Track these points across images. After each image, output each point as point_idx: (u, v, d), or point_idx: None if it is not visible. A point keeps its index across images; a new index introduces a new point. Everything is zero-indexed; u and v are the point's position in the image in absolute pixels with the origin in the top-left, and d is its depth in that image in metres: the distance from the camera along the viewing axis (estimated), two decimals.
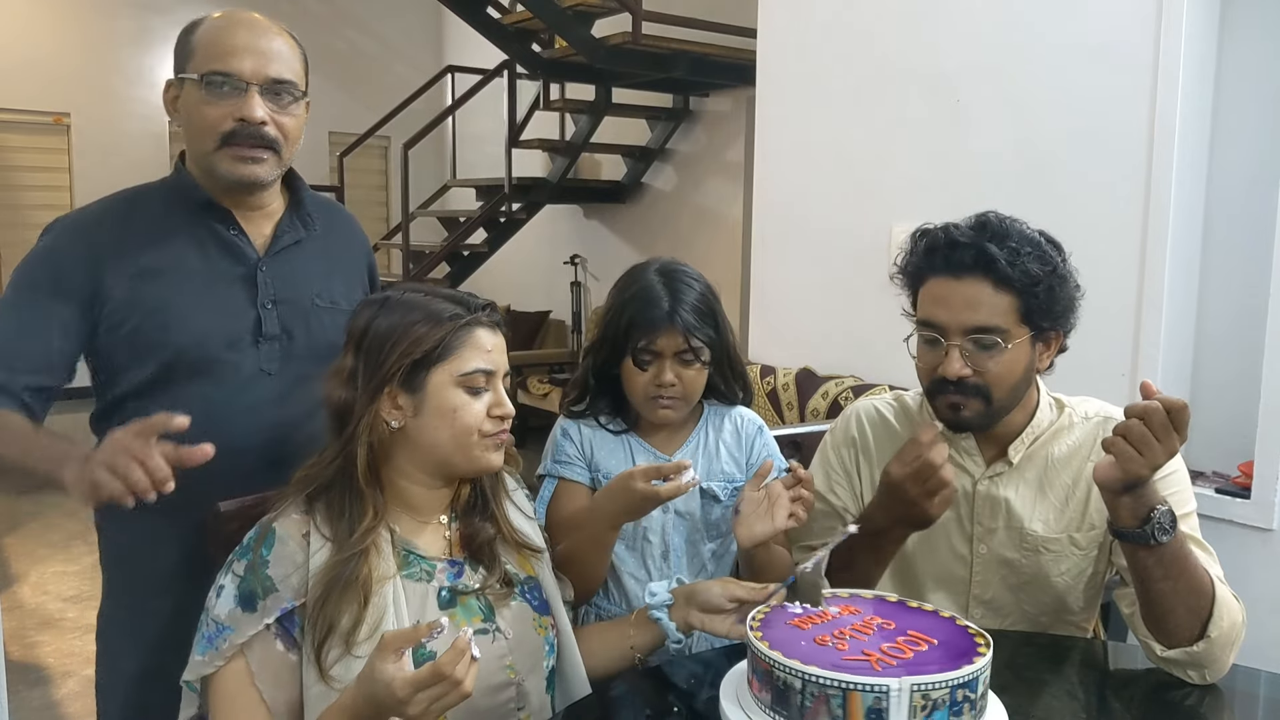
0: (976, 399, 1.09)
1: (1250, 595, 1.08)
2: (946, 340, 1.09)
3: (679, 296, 1.19)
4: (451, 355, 0.97)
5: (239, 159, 1.12)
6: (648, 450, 1.26)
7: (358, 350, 0.98)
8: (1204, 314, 1.92)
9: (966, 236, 1.08)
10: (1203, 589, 1.00)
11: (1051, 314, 1.09)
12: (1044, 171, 2.06)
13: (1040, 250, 1.08)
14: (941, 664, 0.82)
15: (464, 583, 1.01)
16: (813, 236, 2.60)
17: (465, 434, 0.98)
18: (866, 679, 0.79)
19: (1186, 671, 1.02)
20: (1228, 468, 1.86)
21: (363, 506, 0.95)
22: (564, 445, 1.26)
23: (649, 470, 1.06)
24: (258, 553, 0.94)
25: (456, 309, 0.98)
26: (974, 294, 1.07)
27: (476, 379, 0.98)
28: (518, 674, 1.00)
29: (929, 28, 2.28)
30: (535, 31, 4.88)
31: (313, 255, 1.23)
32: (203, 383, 1.13)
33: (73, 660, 2.70)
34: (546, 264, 6.07)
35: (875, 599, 0.98)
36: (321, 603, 0.91)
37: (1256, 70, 1.85)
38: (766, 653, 0.83)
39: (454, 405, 0.97)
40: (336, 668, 0.90)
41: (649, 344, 1.18)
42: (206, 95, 1.11)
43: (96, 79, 6.15)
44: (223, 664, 0.91)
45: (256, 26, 1.14)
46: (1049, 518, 1.16)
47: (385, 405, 0.97)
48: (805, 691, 0.80)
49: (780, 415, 2.52)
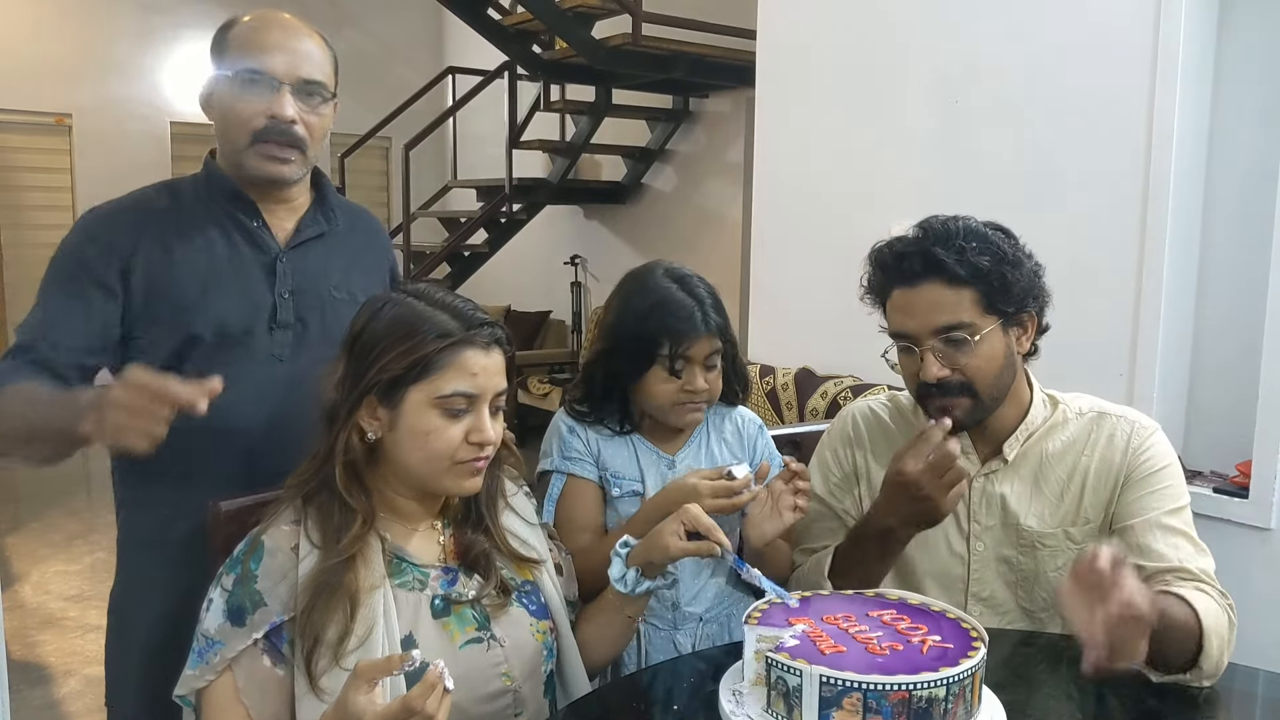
0: (963, 396, 1.11)
1: (1248, 595, 1.09)
2: (919, 346, 1.11)
3: (702, 301, 1.20)
4: (433, 375, 0.93)
5: (268, 158, 1.16)
6: (651, 450, 1.27)
7: (349, 354, 0.97)
8: (1202, 313, 1.92)
9: (911, 246, 1.11)
10: (1189, 631, 1.00)
11: (1011, 298, 1.10)
12: (1043, 171, 2.06)
13: (986, 241, 1.10)
14: (938, 662, 0.82)
15: (458, 591, 0.99)
16: (812, 237, 2.61)
17: (436, 459, 0.94)
18: (864, 677, 0.79)
19: (1183, 682, 1.03)
20: (1226, 467, 1.86)
21: (350, 513, 0.94)
22: (571, 441, 1.25)
23: (717, 487, 1.11)
24: (246, 566, 0.93)
25: (451, 325, 0.94)
26: (932, 297, 1.10)
27: (455, 401, 0.93)
28: (514, 681, 0.99)
29: (928, 29, 2.29)
30: (535, 33, 4.89)
31: (334, 249, 1.26)
32: (217, 365, 1.14)
33: (74, 659, 2.71)
34: (547, 264, 6.07)
35: (876, 596, 0.98)
36: (308, 611, 0.90)
37: (1255, 68, 1.85)
38: (766, 651, 0.84)
39: (427, 428, 0.93)
40: (325, 679, 0.89)
41: (683, 351, 1.18)
42: (240, 92, 1.14)
43: (98, 80, 6.15)
44: (213, 678, 0.91)
45: (290, 27, 1.17)
46: (1044, 513, 1.17)
47: (364, 414, 0.95)
48: (803, 688, 0.80)
49: (779, 415, 2.52)
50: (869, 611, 0.94)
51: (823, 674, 0.79)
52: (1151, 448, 1.15)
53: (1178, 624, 0.99)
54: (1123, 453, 1.15)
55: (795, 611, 0.94)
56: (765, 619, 0.92)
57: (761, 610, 0.94)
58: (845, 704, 0.79)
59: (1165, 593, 1.02)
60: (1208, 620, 1.00)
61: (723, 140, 5.03)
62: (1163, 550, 1.10)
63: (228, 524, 1.05)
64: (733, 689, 0.89)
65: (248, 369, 1.17)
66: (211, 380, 0.92)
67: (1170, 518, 1.12)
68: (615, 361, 1.22)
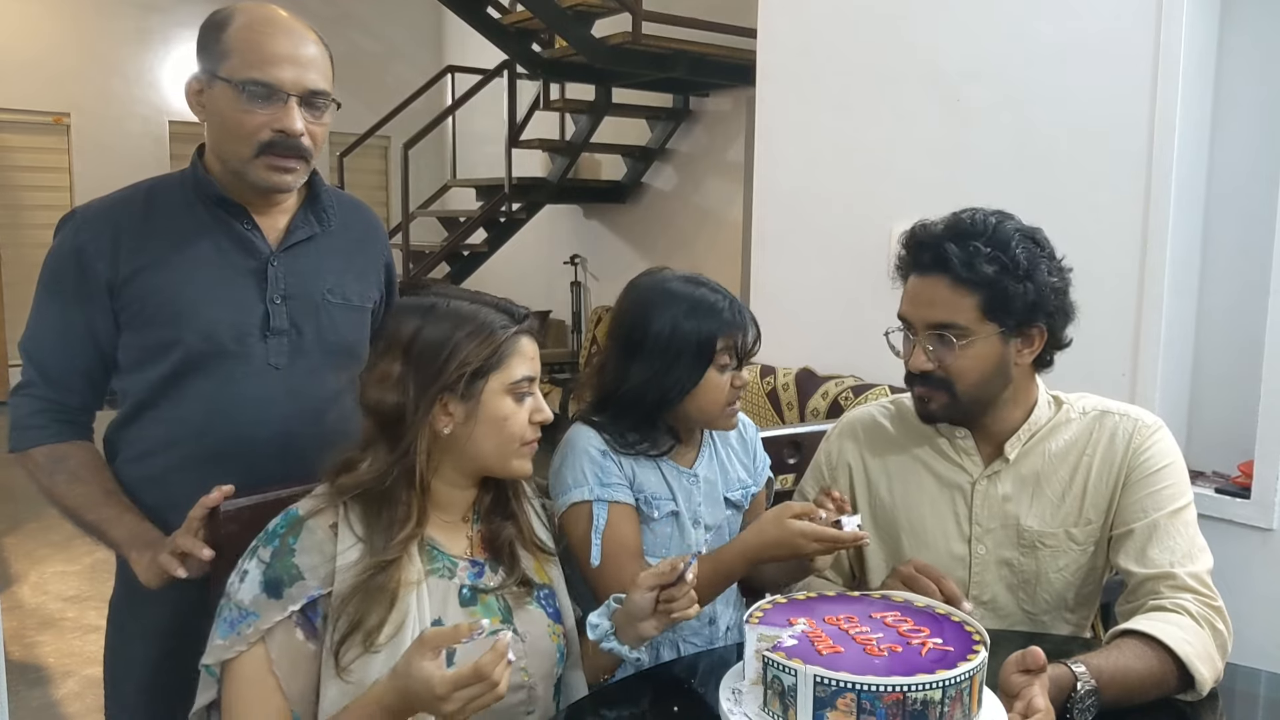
0: (940, 391, 1.13)
1: (1250, 595, 1.09)
2: (915, 335, 1.13)
3: (728, 295, 1.21)
4: (503, 364, 0.99)
5: (274, 169, 1.13)
6: (673, 466, 1.22)
7: (406, 357, 0.98)
8: (1204, 313, 1.92)
9: (931, 237, 1.12)
10: (1163, 673, 0.98)
11: (1010, 311, 1.10)
12: (1044, 170, 2.05)
13: (1005, 250, 1.09)
14: (936, 664, 0.82)
15: (484, 582, 1.02)
16: (813, 236, 2.60)
17: (510, 441, 1.00)
18: (858, 678, 0.78)
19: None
20: (1228, 467, 1.85)
21: (406, 513, 0.96)
22: (608, 466, 1.17)
23: (814, 533, 1.03)
24: (285, 541, 0.94)
25: (505, 319, 1.00)
26: (933, 292, 1.11)
27: (523, 386, 1.00)
28: (531, 677, 1.01)
29: (929, 27, 2.28)
30: (535, 31, 4.88)
31: (326, 251, 1.22)
32: (212, 376, 1.14)
33: (72, 660, 2.70)
34: (546, 264, 6.07)
35: (882, 598, 0.98)
36: (348, 604, 0.91)
37: (1257, 66, 1.84)
38: (764, 652, 0.83)
39: (505, 413, 0.99)
40: (355, 664, 0.91)
41: (738, 346, 1.18)
42: (245, 103, 1.10)
43: (96, 79, 6.15)
44: (244, 649, 0.92)
45: (294, 33, 1.13)
46: (1045, 513, 1.16)
47: (438, 412, 0.97)
48: (798, 688, 0.80)
49: (780, 415, 2.52)
50: (872, 613, 0.94)
51: (817, 674, 0.79)
52: (1152, 447, 1.14)
53: (1142, 675, 0.97)
54: (1123, 452, 1.14)
55: (797, 611, 0.94)
56: (767, 619, 0.91)
57: (764, 610, 0.94)
58: (839, 704, 0.79)
59: (1126, 637, 1.00)
60: (1185, 649, 0.98)
61: (723, 139, 5.02)
62: (1156, 556, 1.09)
63: (226, 524, 1.05)
64: (732, 688, 0.89)
65: (245, 379, 1.15)
66: (223, 487, 1.04)
67: (1170, 519, 1.11)
68: (671, 377, 1.16)
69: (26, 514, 3.90)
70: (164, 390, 1.14)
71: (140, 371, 1.15)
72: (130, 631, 1.21)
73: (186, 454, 1.14)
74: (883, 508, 1.25)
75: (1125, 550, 1.11)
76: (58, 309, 1.14)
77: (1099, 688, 0.94)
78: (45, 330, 1.16)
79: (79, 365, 1.16)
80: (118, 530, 1.11)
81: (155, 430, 1.16)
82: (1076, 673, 0.94)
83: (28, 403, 1.16)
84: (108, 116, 6.18)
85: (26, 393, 1.16)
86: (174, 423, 1.15)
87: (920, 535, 1.21)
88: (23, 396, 1.16)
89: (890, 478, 1.24)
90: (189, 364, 1.13)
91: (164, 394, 1.14)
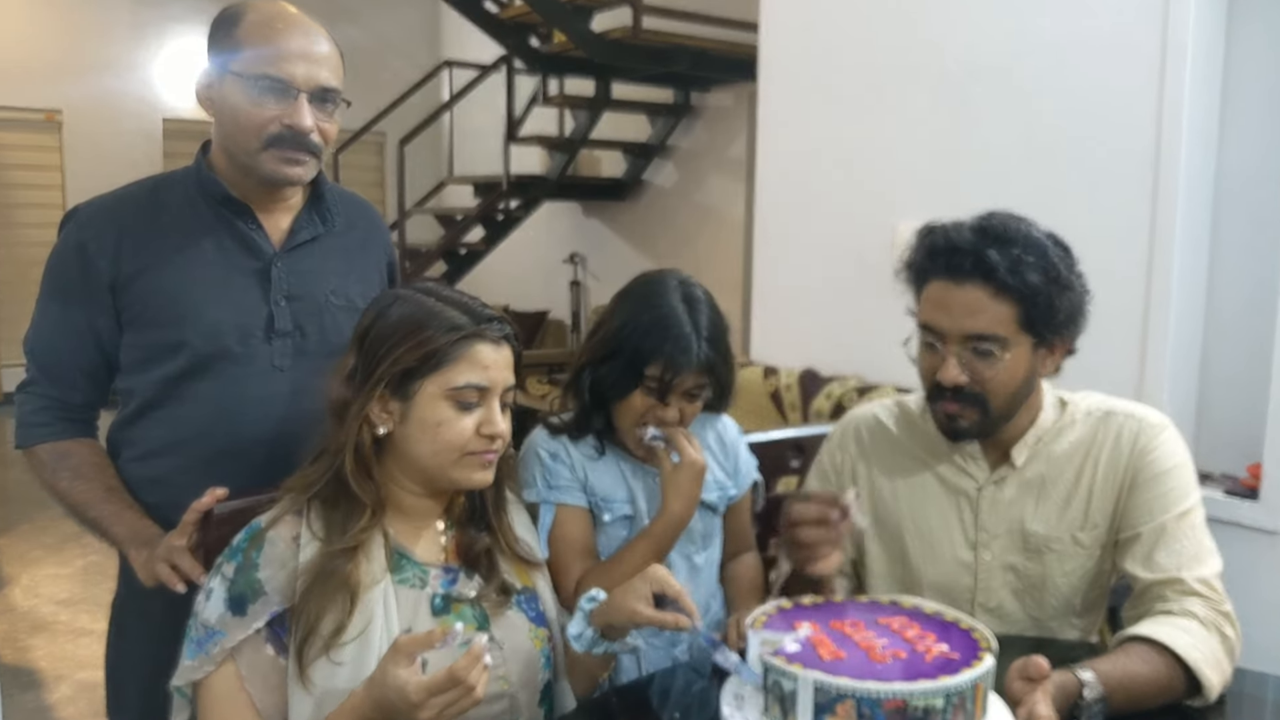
0: (973, 408, 1.08)
1: (1258, 599, 1.07)
2: (944, 346, 1.08)
3: (703, 331, 1.15)
4: (446, 367, 0.94)
5: (284, 161, 1.13)
6: (639, 467, 1.22)
7: (360, 348, 0.97)
8: (1212, 313, 1.90)
9: (967, 241, 1.06)
10: (1169, 678, 0.97)
11: (1053, 323, 1.06)
12: (1050, 168, 2.04)
13: (1044, 257, 1.05)
14: (940, 671, 0.80)
15: (459, 590, 0.99)
16: (816, 234, 2.58)
17: (447, 450, 0.95)
18: (858, 684, 0.78)
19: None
20: (1236, 469, 1.84)
21: (359, 505, 0.94)
22: (557, 469, 1.19)
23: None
24: (249, 555, 0.93)
25: (462, 319, 0.96)
26: (973, 301, 1.05)
27: (468, 394, 0.95)
28: (511, 685, 0.99)
29: (933, 22, 2.26)
30: (533, 25, 4.86)
31: (330, 252, 1.23)
32: (216, 377, 1.15)
33: (65, 664, 2.68)
34: (545, 262, 6.05)
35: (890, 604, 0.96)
36: (305, 597, 0.90)
37: (1265, 63, 1.83)
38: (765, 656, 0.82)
39: (439, 419, 0.94)
40: (314, 670, 0.89)
41: (670, 378, 1.13)
42: (256, 97, 1.10)
43: (89, 75, 6.12)
44: (213, 669, 0.90)
45: (308, 29, 1.13)
46: (1050, 517, 1.15)
47: (375, 408, 0.95)
48: (798, 694, 0.79)
49: (783, 417, 2.50)
50: (879, 619, 0.93)
51: (816, 680, 0.79)
52: (1158, 448, 1.12)
53: (1149, 681, 0.96)
54: (1129, 454, 1.13)
55: (803, 616, 0.92)
56: (771, 623, 0.90)
57: (769, 615, 0.92)
58: (839, 710, 0.78)
59: (1133, 642, 0.99)
60: (1193, 654, 0.97)
61: (725, 135, 5.00)
62: (1162, 560, 1.07)
63: (220, 526, 1.05)
64: (735, 693, 0.88)
65: (249, 380, 1.15)
66: (216, 491, 1.05)
67: (1176, 522, 1.09)
68: (606, 369, 1.17)
69: (19, 516, 3.87)
70: (168, 391, 1.15)
71: (144, 372, 1.15)
72: (133, 633, 1.21)
73: (190, 455, 1.15)
74: (887, 513, 1.23)
75: (1132, 555, 1.10)
76: (60, 307, 1.16)
77: (1106, 694, 0.92)
78: (48, 328, 1.17)
79: (81, 363, 1.16)
80: (118, 528, 1.12)
81: (159, 431, 1.16)
82: (1083, 679, 0.92)
83: (32, 400, 1.18)
84: (101, 113, 6.15)
85: (31, 390, 1.18)
86: (178, 423, 1.15)
87: (926, 541, 1.19)
88: (27, 394, 1.19)
89: (895, 483, 1.22)
90: (194, 366, 1.14)
91: (168, 395, 1.15)
